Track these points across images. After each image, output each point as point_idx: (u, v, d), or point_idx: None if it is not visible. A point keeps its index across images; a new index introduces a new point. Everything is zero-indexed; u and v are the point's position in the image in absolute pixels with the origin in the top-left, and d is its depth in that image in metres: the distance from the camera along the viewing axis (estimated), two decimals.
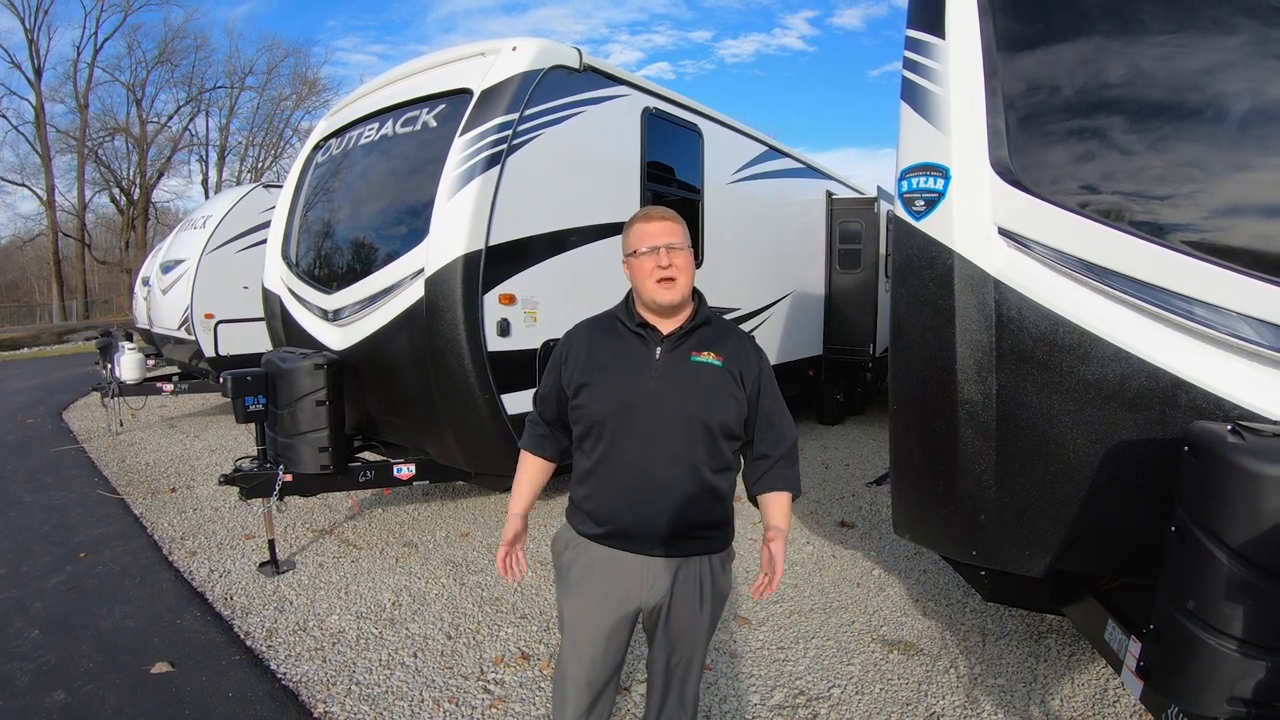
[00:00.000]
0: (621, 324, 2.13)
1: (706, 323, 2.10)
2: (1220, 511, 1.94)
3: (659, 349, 2.05)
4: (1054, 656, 3.67)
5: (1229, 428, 2.08)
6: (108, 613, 4.03)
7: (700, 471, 2.01)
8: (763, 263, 7.93)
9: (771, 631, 3.86)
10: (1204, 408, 2.35)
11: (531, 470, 2.31)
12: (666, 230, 2.04)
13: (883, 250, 9.67)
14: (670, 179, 6.04)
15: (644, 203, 5.54)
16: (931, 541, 3.09)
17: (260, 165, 43.22)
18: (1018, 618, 4.06)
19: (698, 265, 6.25)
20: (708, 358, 2.03)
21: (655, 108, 5.72)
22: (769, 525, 2.10)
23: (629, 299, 2.15)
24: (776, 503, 2.13)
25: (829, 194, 9.77)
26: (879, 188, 9.95)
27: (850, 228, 9.72)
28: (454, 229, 4.19)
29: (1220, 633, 1.91)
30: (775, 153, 8.11)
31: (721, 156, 6.78)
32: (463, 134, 4.35)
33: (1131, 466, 2.47)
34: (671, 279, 2.00)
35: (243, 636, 3.76)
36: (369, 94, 5.61)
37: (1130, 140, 2.48)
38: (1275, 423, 2.19)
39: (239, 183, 37.64)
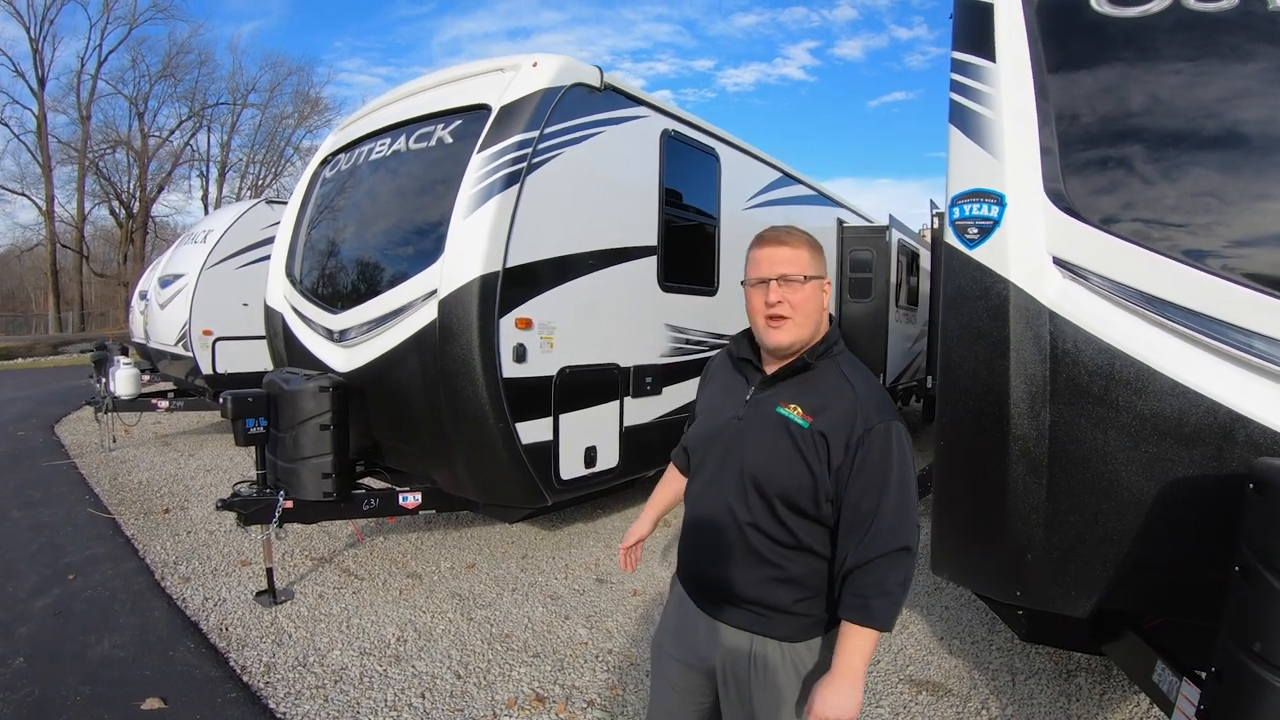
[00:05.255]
0: (730, 354, 1.95)
1: (807, 367, 1.75)
2: None
3: (752, 389, 1.81)
4: (1086, 695, 3.55)
5: None
6: (96, 641, 3.85)
7: (753, 539, 1.72)
8: None
9: None
10: (1262, 443, 2.27)
11: (670, 479, 2.23)
12: (781, 258, 1.72)
13: (893, 280, 9.61)
14: (688, 204, 5.96)
15: (661, 227, 5.48)
16: (972, 580, 2.97)
17: (260, 183, 43.34)
18: (1045, 655, 3.93)
19: (712, 293, 6.22)
20: (792, 412, 1.69)
21: (674, 130, 5.64)
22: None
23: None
24: (844, 635, 1.64)
25: (840, 222, 9.72)
26: (891, 216, 9.91)
27: (860, 256, 9.65)
28: (470, 249, 4.08)
29: None
30: (789, 179, 8.06)
31: (738, 182, 6.71)
32: (480, 151, 4.24)
33: (1187, 503, 2.38)
34: (781, 318, 1.72)
35: (239, 671, 3.58)
36: (380, 109, 5.53)
37: (1190, 168, 2.40)
38: None
39: (239, 199, 37.66)
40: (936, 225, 9.38)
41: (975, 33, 2.70)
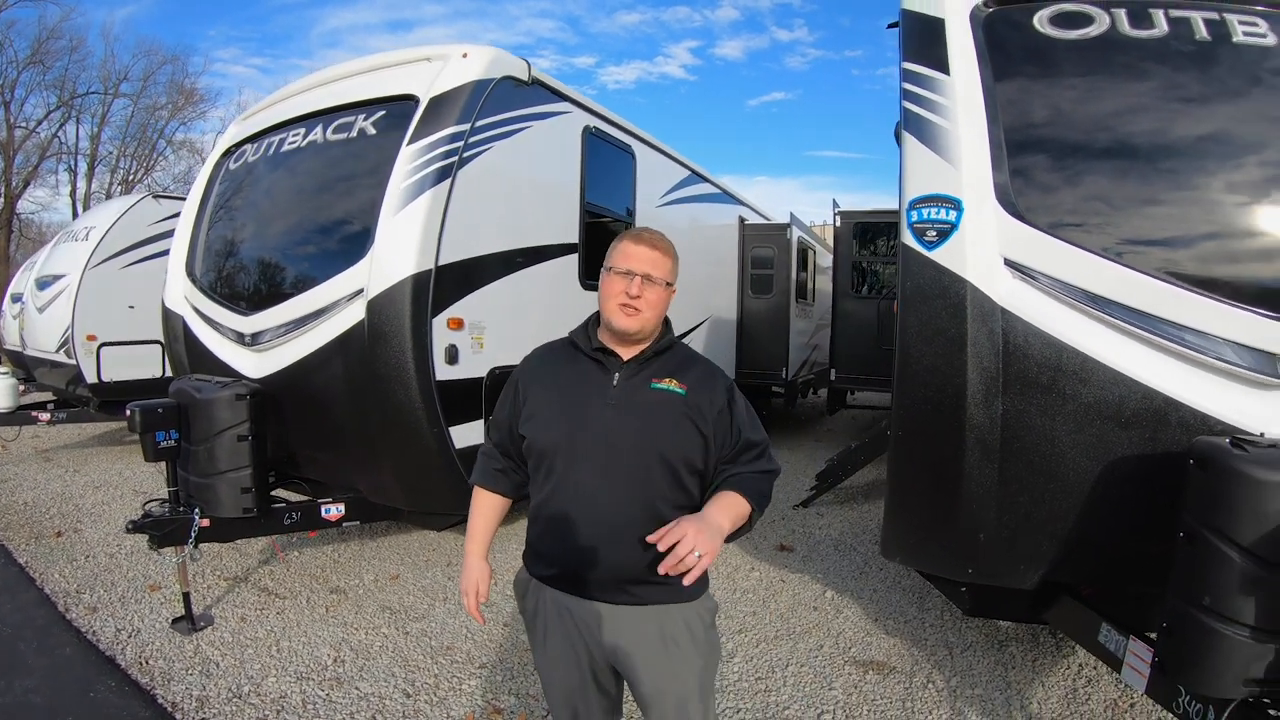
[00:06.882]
0: (577, 348, 1.97)
1: (669, 349, 1.97)
2: (1230, 515, 2.08)
3: (617, 375, 1.90)
4: (1020, 663, 3.77)
5: (1228, 442, 2.21)
6: (7, 687, 3.45)
7: (658, 509, 1.80)
8: (685, 289, 7.87)
9: (744, 662, 3.74)
10: (1192, 424, 2.51)
11: (485, 507, 2.16)
12: (650, 260, 1.88)
13: (794, 276, 9.83)
14: (606, 201, 5.92)
15: (582, 224, 5.43)
16: (925, 562, 3.12)
17: (131, 177, 40.27)
18: (976, 628, 4.13)
19: None
20: (670, 385, 1.88)
21: (595, 127, 5.59)
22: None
23: (590, 321, 2.00)
24: (721, 497, 1.81)
25: (741, 219, 9.90)
26: (792, 214, 10.15)
27: (762, 253, 9.84)
28: (402, 246, 3.90)
29: (1236, 623, 2.05)
30: (697, 177, 8.16)
31: (651, 179, 6.73)
32: (411, 143, 4.05)
33: (1125, 481, 2.59)
34: (635, 310, 1.86)
35: (170, 709, 3.29)
36: (290, 97, 5.21)
37: (1123, 176, 2.66)
38: (1262, 437, 2.36)
39: (108, 195, 34.96)
40: (839, 224, 9.68)
41: (926, 46, 2.85)
